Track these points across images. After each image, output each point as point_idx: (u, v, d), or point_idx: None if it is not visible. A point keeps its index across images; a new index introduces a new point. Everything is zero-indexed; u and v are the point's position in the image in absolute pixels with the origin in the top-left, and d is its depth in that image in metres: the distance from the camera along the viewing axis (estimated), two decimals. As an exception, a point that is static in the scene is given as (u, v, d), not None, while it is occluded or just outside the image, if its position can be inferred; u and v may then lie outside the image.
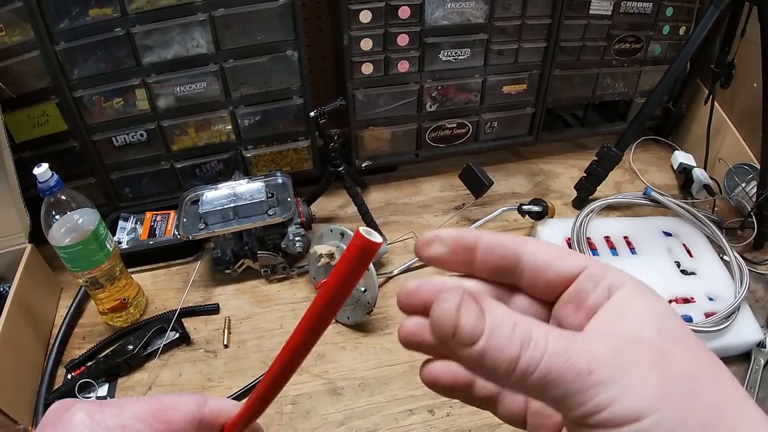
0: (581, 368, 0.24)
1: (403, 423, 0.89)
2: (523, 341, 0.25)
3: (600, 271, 0.29)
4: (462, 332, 0.26)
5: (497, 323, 0.25)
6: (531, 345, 0.25)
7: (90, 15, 1.00)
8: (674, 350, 0.25)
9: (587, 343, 0.25)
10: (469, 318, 0.25)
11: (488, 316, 0.26)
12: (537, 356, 0.24)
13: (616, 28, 1.29)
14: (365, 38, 1.13)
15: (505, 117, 1.35)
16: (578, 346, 0.25)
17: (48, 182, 0.86)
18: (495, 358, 0.25)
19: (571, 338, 0.25)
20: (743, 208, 1.26)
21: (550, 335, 0.25)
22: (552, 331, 0.25)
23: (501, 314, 0.26)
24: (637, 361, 0.24)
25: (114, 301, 0.99)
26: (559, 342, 0.25)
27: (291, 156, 1.24)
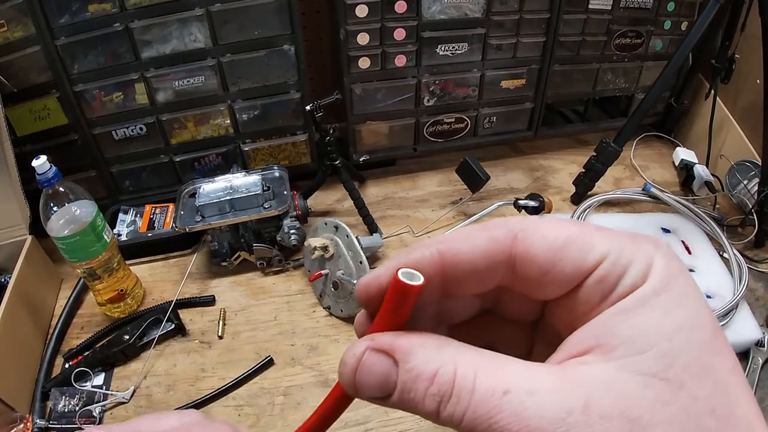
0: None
1: (393, 416, 0.89)
2: (443, 399, 0.22)
3: (616, 269, 0.23)
4: (366, 393, 0.24)
5: (412, 378, 0.23)
6: (451, 402, 0.22)
7: (89, 10, 1.01)
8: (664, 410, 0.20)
9: (529, 399, 0.21)
10: (372, 378, 0.24)
11: (401, 369, 0.23)
12: (457, 414, 0.22)
13: (617, 22, 1.28)
14: (362, 33, 1.14)
15: (504, 112, 1.35)
16: (509, 407, 0.21)
17: (46, 174, 0.87)
18: (413, 410, 0.23)
19: (506, 392, 0.21)
20: (745, 206, 1.25)
21: (477, 386, 0.22)
22: (482, 375, 0.22)
23: (418, 366, 0.23)
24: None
25: (112, 292, 1.01)
26: (485, 399, 0.21)
27: (289, 150, 1.25)
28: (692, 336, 0.21)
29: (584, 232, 0.24)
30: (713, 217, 1.22)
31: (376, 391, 0.24)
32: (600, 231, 0.24)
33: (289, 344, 1.00)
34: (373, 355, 0.24)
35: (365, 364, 0.24)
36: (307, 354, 0.98)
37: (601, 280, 0.23)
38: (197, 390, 0.93)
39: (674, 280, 0.22)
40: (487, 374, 0.22)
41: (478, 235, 0.25)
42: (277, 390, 0.93)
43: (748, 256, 1.16)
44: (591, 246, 0.23)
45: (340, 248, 0.99)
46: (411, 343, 0.24)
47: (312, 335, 1.02)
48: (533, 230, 0.24)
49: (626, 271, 0.23)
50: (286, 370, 0.96)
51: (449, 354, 0.23)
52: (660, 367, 0.21)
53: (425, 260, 0.25)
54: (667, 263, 0.23)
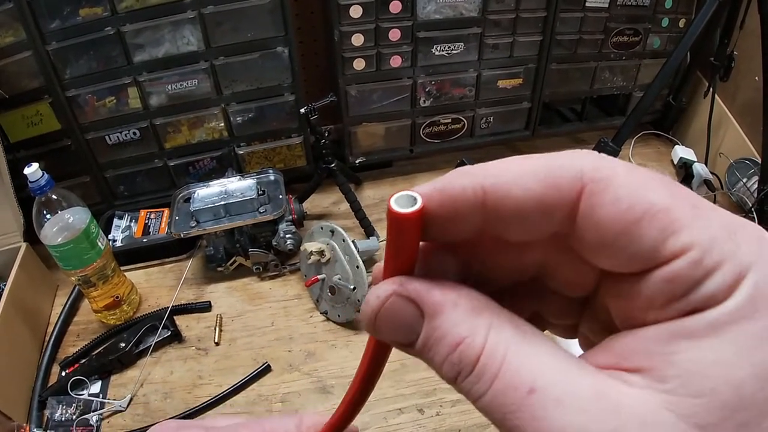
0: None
1: (393, 422, 0.89)
2: (461, 372, 0.20)
3: (698, 271, 0.17)
4: (386, 338, 0.22)
5: (435, 336, 0.20)
6: (469, 379, 0.19)
7: (80, 15, 1.00)
8: None
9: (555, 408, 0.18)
10: (394, 326, 0.21)
11: (426, 324, 0.21)
12: (473, 393, 0.19)
13: (614, 20, 1.27)
14: (356, 33, 1.13)
15: (501, 112, 1.34)
16: (530, 410, 0.18)
17: (38, 182, 0.86)
18: (432, 368, 0.21)
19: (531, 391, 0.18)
20: (744, 204, 1.24)
21: (502, 374, 0.19)
22: (509, 364, 0.19)
23: (445, 326, 0.20)
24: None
25: (107, 299, 1.00)
26: (507, 390, 0.19)
27: (284, 153, 1.24)
28: (764, 387, 0.17)
29: (673, 207, 0.18)
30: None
31: (396, 339, 0.22)
32: (695, 210, 0.18)
33: (286, 350, 0.99)
34: (399, 301, 0.21)
35: (389, 309, 0.21)
36: (304, 360, 0.98)
37: (674, 278, 0.18)
38: (194, 397, 0.93)
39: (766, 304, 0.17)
40: (516, 361, 0.19)
41: (537, 173, 0.19)
42: (275, 397, 0.93)
43: (747, 256, 1.15)
44: (674, 229, 0.18)
45: (336, 253, 0.98)
46: (444, 298, 0.21)
47: (309, 341, 1.01)
48: (608, 185, 0.19)
49: (708, 277, 0.17)
50: (284, 376, 0.96)
51: (482, 323, 0.20)
52: (711, 421, 0.17)
53: (464, 198, 0.20)
54: (765, 277, 0.17)
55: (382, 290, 0.21)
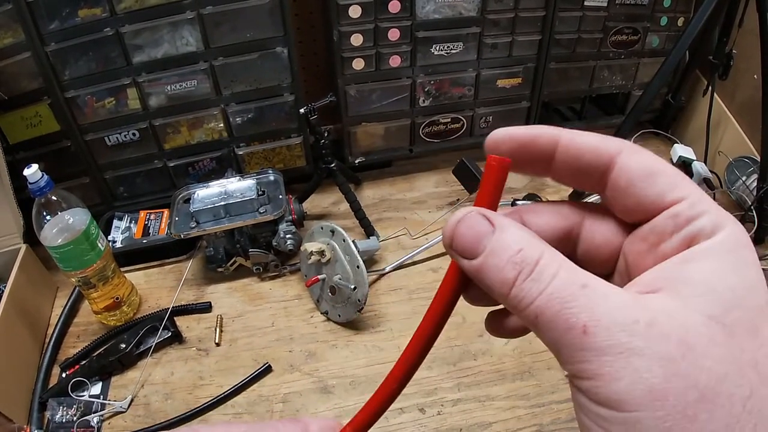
0: (575, 324, 0.22)
1: (394, 422, 0.89)
2: (523, 270, 0.24)
3: (690, 212, 0.25)
4: (459, 244, 0.26)
5: (501, 245, 0.25)
6: (531, 278, 0.24)
7: (79, 16, 1.00)
8: (715, 348, 0.22)
9: (603, 299, 0.23)
10: (470, 232, 0.26)
11: (495, 236, 0.25)
12: (532, 293, 0.24)
13: (613, 19, 1.27)
14: (355, 33, 1.13)
15: (501, 111, 1.34)
16: (584, 299, 0.23)
17: (38, 183, 0.86)
18: (490, 279, 0.25)
19: (584, 286, 0.23)
20: (744, 202, 1.24)
21: (559, 273, 0.24)
22: (566, 269, 0.24)
23: (509, 237, 0.25)
24: (651, 346, 0.21)
25: (107, 300, 1.00)
26: (565, 285, 0.23)
27: (284, 153, 1.24)
28: (750, 296, 0.23)
29: (675, 173, 0.26)
30: (712, 214, 1.21)
31: (467, 244, 0.26)
32: (687, 179, 0.26)
33: (287, 350, 0.99)
34: (477, 216, 0.26)
35: (468, 219, 0.26)
36: (305, 360, 0.98)
37: (676, 215, 0.25)
38: (195, 398, 0.93)
39: (742, 246, 0.24)
40: (570, 267, 0.24)
41: (594, 136, 0.27)
42: (276, 397, 0.93)
43: (747, 253, 1.15)
44: (675, 184, 0.25)
45: (336, 253, 0.98)
46: (511, 222, 0.26)
47: (310, 341, 1.01)
48: (635, 152, 0.26)
49: (699, 217, 0.24)
50: (285, 376, 0.96)
51: (539, 244, 0.25)
52: (718, 312, 0.22)
53: (546, 134, 0.28)
54: (739, 230, 0.24)
55: (465, 209, 0.27)
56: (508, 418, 0.88)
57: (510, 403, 0.90)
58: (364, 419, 0.32)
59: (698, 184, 1.27)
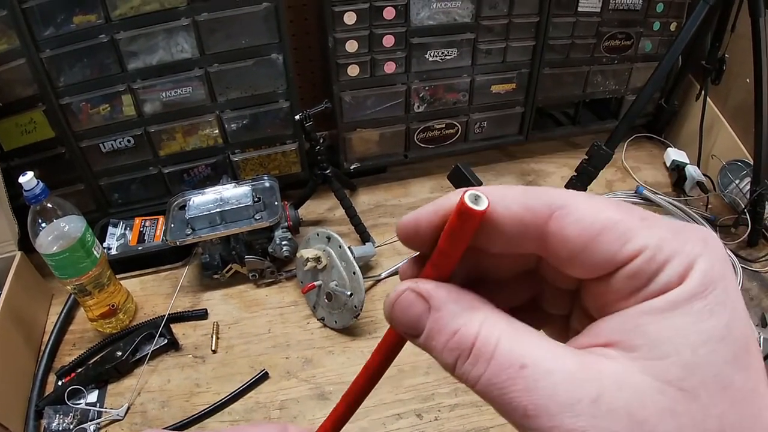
0: (516, 409, 0.21)
1: (391, 427, 0.89)
2: (461, 355, 0.23)
3: (650, 267, 0.22)
4: (397, 326, 0.25)
5: (437, 327, 0.24)
6: (468, 362, 0.23)
7: (74, 22, 1.00)
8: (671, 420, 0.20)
9: (545, 377, 0.21)
10: (405, 315, 0.25)
11: (431, 316, 0.24)
12: (472, 377, 0.22)
13: (606, 25, 1.28)
14: (350, 40, 1.13)
15: (495, 116, 1.35)
16: (523, 381, 0.21)
17: (33, 190, 0.86)
18: (435, 358, 0.24)
19: (523, 366, 0.21)
20: (737, 205, 1.25)
21: (497, 354, 0.22)
22: (503, 346, 0.22)
23: (445, 317, 0.24)
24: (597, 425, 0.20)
25: (103, 307, 1.00)
26: (502, 368, 0.22)
27: (279, 159, 1.24)
28: (718, 349, 0.21)
29: (626, 218, 0.23)
30: (706, 217, 1.22)
31: (406, 328, 0.25)
32: (644, 221, 0.23)
33: (283, 357, 0.99)
34: (410, 295, 0.25)
35: (402, 301, 0.25)
36: (302, 367, 0.98)
37: (634, 275, 0.22)
38: (192, 406, 0.92)
39: (713, 285, 0.21)
40: (508, 344, 0.22)
41: (516, 198, 0.24)
42: (273, 404, 0.93)
43: (741, 256, 1.16)
44: (629, 236, 0.22)
45: (332, 259, 0.98)
46: (448, 295, 0.24)
47: (306, 347, 1.01)
48: (571, 209, 0.23)
49: (662, 270, 0.22)
50: (282, 383, 0.96)
51: (477, 316, 0.23)
52: (678, 376, 0.20)
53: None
54: (710, 266, 0.22)
55: (401, 286, 0.25)
56: (505, 423, 0.87)
57: (507, 408, 0.90)
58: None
59: (691, 188, 1.29)
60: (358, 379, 0.30)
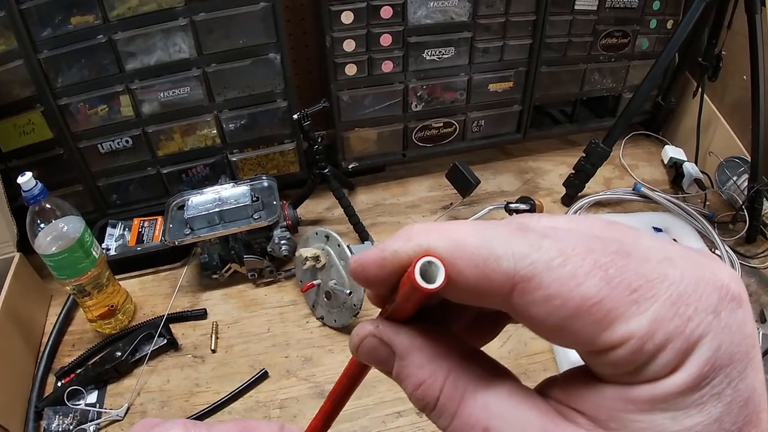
0: None
1: (391, 425, 0.89)
2: (426, 406, 0.22)
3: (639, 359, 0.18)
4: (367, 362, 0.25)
5: (404, 374, 0.23)
6: (434, 413, 0.22)
7: (72, 23, 1.00)
8: None
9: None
10: (372, 357, 0.24)
11: (396, 363, 0.23)
12: (440, 424, 0.22)
13: (603, 23, 1.29)
14: (348, 39, 1.13)
15: (493, 115, 1.35)
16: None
17: (32, 191, 0.86)
18: None
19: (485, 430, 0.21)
20: (735, 202, 1.25)
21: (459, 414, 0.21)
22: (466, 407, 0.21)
23: (410, 367, 0.23)
24: None
25: (102, 308, 1.00)
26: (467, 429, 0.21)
27: (277, 159, 1.24)
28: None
29: (610, 295, 0.18)
30: (704, 214, 1.23)
31: (376, 366, 0.25)
32: (634, 294, 0.18)
33: (283, 356, 0.99)
34: (374, 341, 0.24)
35: (365, 346, 0.24)
36: (301, 365, 0.98)
37: (616, 364, 0.19)
38: (192, 405, 0.92)
39: (714, 373, 0.18)
40: (472, 403, 0.21)
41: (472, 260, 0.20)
42: (273, 403, 0.93)
43: (739, 252, 1.16)
44: (610, 321, 0.18)
45: (331, 258, 0.98)
46: (411, 343, 0.23)
47: (306, 346, 1.01)
48: (538, 284, 0.19)
49: (653, 360, 0.18)
50: (281, 382, 0.96)
51: (442, 368, 0.22)
52: None
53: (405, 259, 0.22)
54: (716, 348, 0.18)
55: (363, 330, 0.24)
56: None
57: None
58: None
59: (689, 185, 1.29)
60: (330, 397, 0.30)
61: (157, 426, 0.31)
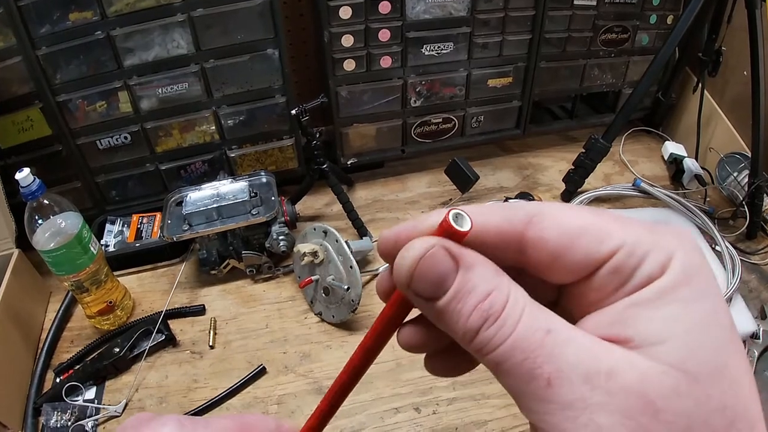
0: (539, 376, 0.21)
1: (389, 421, 0.89)
2: (490, 317, 0.22)
3: (631, 261, 0.23)
4: (419, 284, 0.24)
5: (467, 288, 0.23)
6: (496, 324, 0.22)
7: (70, 19, 1.00)
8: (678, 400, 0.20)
9: (567, 346, 0.22)
10: (433, 270, 0.23)
11: (460, 275, 0.23)
12: (496, 340, 0.22)
13: (602, 18, 1.28)
14: (346, 34, 1.13)
15: (492, 111, 1.35)
16: (548, 347, 0.22)
17: (30, 187, 0.86)
18: (453, 324, 0.23)
19: (549, 332, 0.22)
20: (735, 198, 1.25)
21: (523, 318, 0.22)
22: (529, 312, 0.23)
23: (476, 279, 0.23)
24: (612, 402, 0.20)
25: (101, 304, 1.00)
26: (529, 332, 0.22)
27: (276, 155, 1.24)
28: (710, 333, 0.21)
29: (601, 221, 0.23)
30: (704, 210, 1.22)
31: (429, 286, 0.23)
32: (618, 220, 0.24)
33: (281, 352, 0.99)
34: (440, 252, 0.23)
35: (431, 257, 0.23)
36: (299, 361, 0.98)
37: (616, 270, 0.23)
38: (190, 401, 0.92)
39: (695, 274, 0.22)
40: (534, 311, 0.23)
41: (495, 212, 0.25)
42: (271, 399, 0.93)
43: (740, 248, 1.16)
44: (606, 235, 0.23)
45: (330, 253, 0.98)
46: (477, 257, 0.24)
47: (304, 342, 1.01)
48: (549, 215, 0.24)
49: (642, 263, 0.22)
50: (279, 378, 0.96)
51: (505, 282, 0.24)
52: (678, 358, 0.21)
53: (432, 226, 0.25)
54: (689, 257, 0.22)
55: (427, 241, 0.24)
56: (504, 416, 0.88)
57: (505, 401, 0.90)
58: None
59: (689, 181, 1.29)
60: (353, 358, 0.29)
61: (151, 421, 0.30)
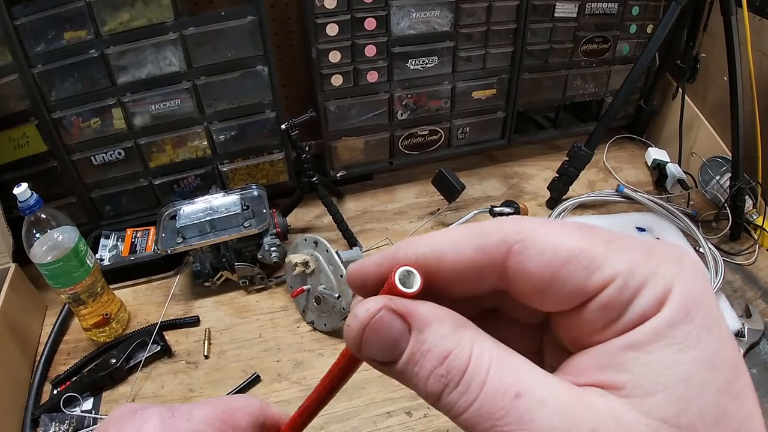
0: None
1: (382, 425, 0.90)
2: (449, 383, 0.20)
3: (624, 295, 0.20)
4: (369, 352, 0.22)
5: (422, 349, 0.21)
6: (458, 390, 0.20)
7: (65, 38, 1.02)
8: None
9: (539, 409, 0.19)
10: (382, 336, 0.22)
11: (413, 338, 0.21)
12: (461, 405, 0.20)
13: (583, 29, 1.32)
14: (333, 51, 1.16)
15: (477, 122, 1.38)
16: (517, 412, 0.19)
17: (28, 201, 0.88)
18: (414, 387, 0.22)
19: (518, 396, 0.20)
20: (718, 201, 1.28)
21: (489, 380, 0.20)
22: (496, 370, 0.20)
23: (432, 340, 0.21)
24: None
25: (97, 316, 1.01)
26: (496, 397, 0.20)
27: (267, 169, 1.27)
28: (710, 378, 0.19)
29: (590, 245, 0.21)
30: (687, 213, 1.25)
31: (381, 354, 0.22)
32: (610, 244, 0.21)
33: (274, 360, 1.01)
34: (388, 315, 0.22)
35: (378, 322, 0.22)
36: (293, 369, 1.00)
37: (606, 306, 0.20)
38: (185, 410, 0.94)
39: (696, 308, 0.20)
40: (501, 370, 0.20)
41: (468, 241, 0.22)
42: (264, 406, 0.94)
43: (723, 250, 1.18)
44: (596, 265, 0.21)
45: (320, 263, 1.00)
46: (431, 313, 0.22)
47: (297, 350, 1.03)
48: (530, 242, 0.21)
49: (637, 297, 0.20)
50: (273, 386, 0.97)
51: (467, 337, 0.21)
52: (672, 413, 0.19)
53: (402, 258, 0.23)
54: (690, 287, 0.20)
55: (372, 304, 0.22)
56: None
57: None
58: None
59: (673, 186, 1.31)
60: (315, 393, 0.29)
61: (133, 415, 0.30)
